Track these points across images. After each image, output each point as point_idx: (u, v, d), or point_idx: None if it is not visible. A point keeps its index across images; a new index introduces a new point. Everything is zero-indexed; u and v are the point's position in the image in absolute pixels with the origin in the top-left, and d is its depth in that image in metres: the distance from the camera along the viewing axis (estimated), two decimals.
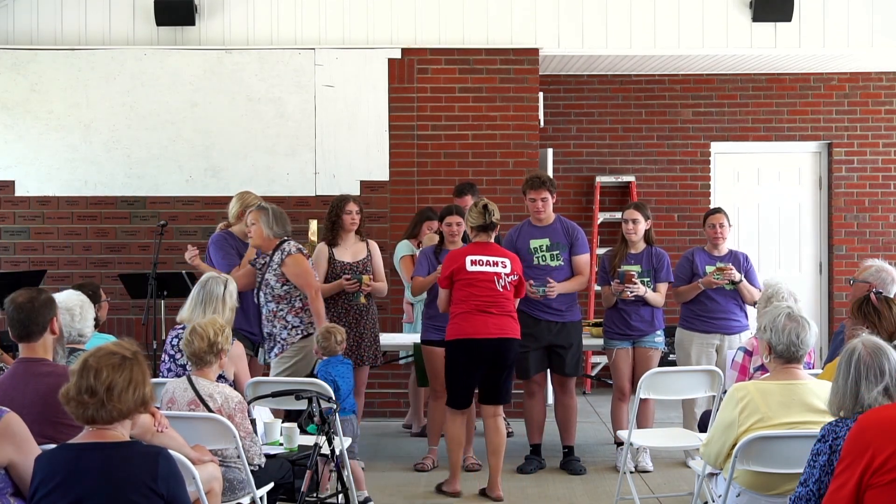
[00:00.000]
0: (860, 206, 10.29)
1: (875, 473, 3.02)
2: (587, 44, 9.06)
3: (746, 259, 7.37)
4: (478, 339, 6.30)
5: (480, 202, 6.47)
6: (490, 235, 6.45)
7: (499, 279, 6.34)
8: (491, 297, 6.32)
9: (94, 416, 3.20)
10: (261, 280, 6.53)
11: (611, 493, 6.38)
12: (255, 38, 8.97)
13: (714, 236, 7.31)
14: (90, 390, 3.19)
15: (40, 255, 8.88)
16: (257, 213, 6.51)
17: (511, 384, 6.61)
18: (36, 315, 4.10)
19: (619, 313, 7.15)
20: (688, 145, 10.36)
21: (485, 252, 6.39)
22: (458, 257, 6.40)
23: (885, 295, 4.78)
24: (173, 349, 5.57)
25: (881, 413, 3.10)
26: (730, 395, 4.21)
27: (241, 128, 8.90)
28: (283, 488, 5.21)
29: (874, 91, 10.29)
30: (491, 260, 6.36)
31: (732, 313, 7.24)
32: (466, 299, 6.33)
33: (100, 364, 3.22)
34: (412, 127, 8.94)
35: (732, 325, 7.24)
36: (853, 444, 3.09)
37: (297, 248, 6.48)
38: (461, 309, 6.35)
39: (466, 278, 6.32)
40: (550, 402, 7.69)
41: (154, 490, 3.16)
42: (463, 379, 6.44)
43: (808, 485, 3.45)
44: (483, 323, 6.30)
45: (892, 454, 2.97)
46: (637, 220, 7.17)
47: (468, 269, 6.33)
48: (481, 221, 6.39)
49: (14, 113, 8.89)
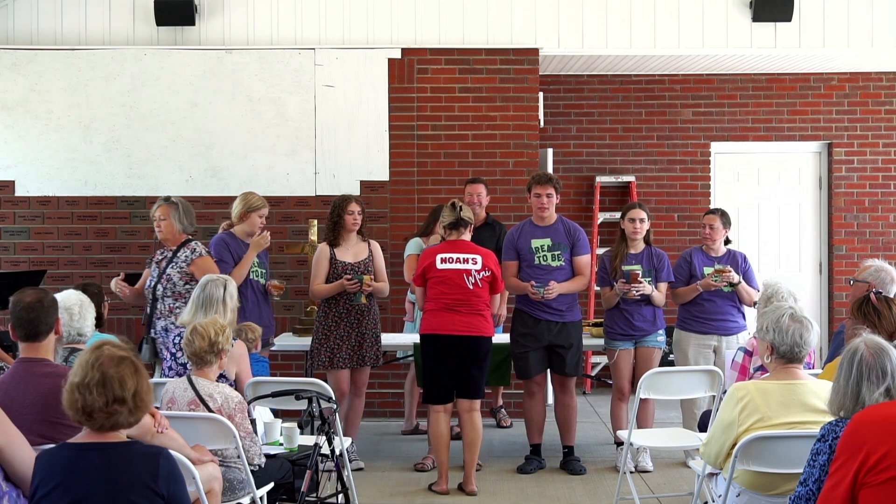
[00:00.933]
0: (860, 206, 10.29)
1: (870, 472, 3.01)
2: (587, 44, 9.07)
3: (745, 259, 7.38)
4: (444, 335, 6.47)
5: (451, 201, 6.63)
6: (461, 233, 6.56)
7: (468, 276, 6.48)
8: (460, 294, 6.47)
9: (123, 422, 3.23)
10: (160, 273, 6.63)
11: (611, 493, 6.38)
12: (255, 38, 8.97)
13: (704, 236, 7.35)
14: (119, 400, 3.19)
15: (40, 255, 8.88)
16: (167, 208, 6.67)
17: (485, 380, 6.71)
18: (45, 315, 4.09)
19: (621, 313, 7.15)
20: (688, 145, 10.36)
21: (455, 250, 6.53)
22: (429, 255, 6.56)
23: (884, 295, 4.78)
24: (174, 348, 5.57)
25: (876, 411, 3.09)
26: (730, 395, 4.21)
27: (241, 128, 8.90)
28: (283, 488, 5.21)
29: (874, 91, 10.29)
30: (461, 257, 6.51)
31: (730, 314, 7.25)
32: (437, 297, 6.50)
33: (121, 373, 3.21)
34: (412, 127, 8.94)
35: (730, 326, 7.25)
36: (848, 442, 3.08)
37: (207, 250, 6.73)
38: (432, 306, 6.53)
39: (437, 276, 6.49)
40: (550, 402, 7.69)
41: (154, 490, 3.16)
42: (434, 373, 6.56)
43: (807, 484, 3.45)
44: (450, 320, 6.46)
45: (888, 452, 2.96)
46: (643, 220, 7.19)
47: (438, 266, 6.49)
48: (451, 219, 6.52)
49: (14, 113, 8.89)
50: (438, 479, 6.56)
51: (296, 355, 8.40)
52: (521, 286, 7.00)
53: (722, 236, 7.34)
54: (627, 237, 7.22)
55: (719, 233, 7.32)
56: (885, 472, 2.98)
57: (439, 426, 6.56)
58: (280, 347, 7.55)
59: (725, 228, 7.35)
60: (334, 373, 6.99)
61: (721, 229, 7.32)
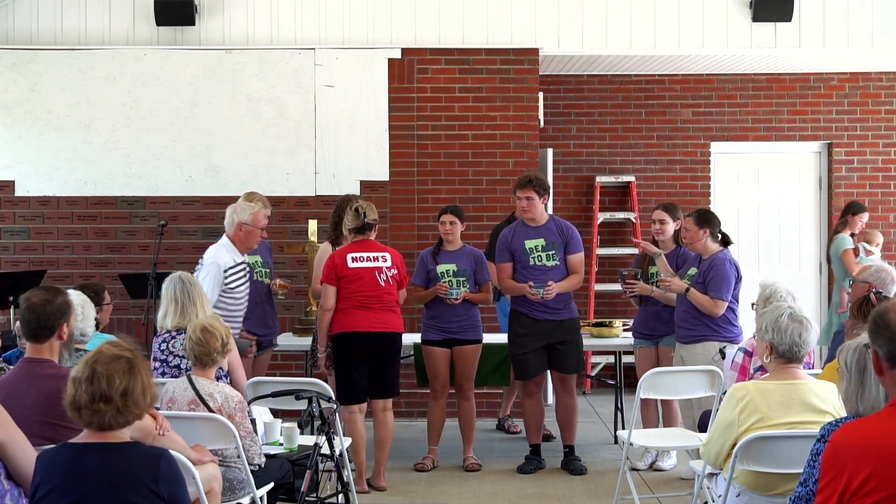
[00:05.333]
0: None
1: (854, 496, 3.00)
2: (587, 44, 9.07)
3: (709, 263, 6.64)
4: (359, 332, 6.49)
5: (353, 205, 6.65)
6: (367, 235, 6.62)
7: (380, 273, 6.56)
8: (373, 292, 6.53)
9: (110, 422, 3.18)
10: None
11: (611, 493, 6.38)
12: (255, 38, 8.97)
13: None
14: (105, 398, 3.15)
15: (40, 255, 8.88)
16: None
17: (398, 378, 6.77)
18: (46, 319, 4.07)
19: (644, 313, 7.15)
20: (688, 145, 10.36)
21: (364, 249, 6.59)
22: (339, 255, 6.58)
23: (885, 295, 4.78)
24: (164, 354, 5.55)
25: (853, 432, 3.06)
26: (729, 395, 4.21)
27: (241, 128, 8.90)
28: (283, 488, 5.21)
29: (874, 91, 10.29)
30: (371, 255, 6.58)
31: (684, 321, 6.72)
32: (349, 296, 6.52)
33: (110, 370, 3.18)
34: (412, 127, 8.94)
35: (682, 333, 6.74)
36: (830, 462, 3.05)
37: None
38: (345, 305, 6.54)
39: (349, 275, 6.52)
40: (550, 402, 7.69)
41: (154, 492, 3.15)
42: (350, 373, 6.54)
43: (807, 485, 3.45)
44: (364, 317, 6.51)
45: (870, 475, 2.94)
46: (664, 221, 7.00)
47: (350, 266, 6.53)
48: (357, 224, 6.59)
49: (14, 113, 8.89)
50: (357, 478, 6.46)
51: (296, 355, 8.40)
52: (519, 287, 7.00)
53: (700, 239, 6.68)
54: (655, 238, 7.16)
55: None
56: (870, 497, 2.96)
57: (357, 427, 6.54)
58: (280, 347, 7.55)
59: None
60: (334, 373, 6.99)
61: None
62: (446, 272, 7.14)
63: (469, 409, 7.24)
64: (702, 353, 6.56)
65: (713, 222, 6.75)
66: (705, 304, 6.58)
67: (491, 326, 8.11)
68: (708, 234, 6.69)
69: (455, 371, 7.21)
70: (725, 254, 6.72)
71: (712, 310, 6.57)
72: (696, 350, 6.61)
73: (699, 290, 6.63)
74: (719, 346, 6.53)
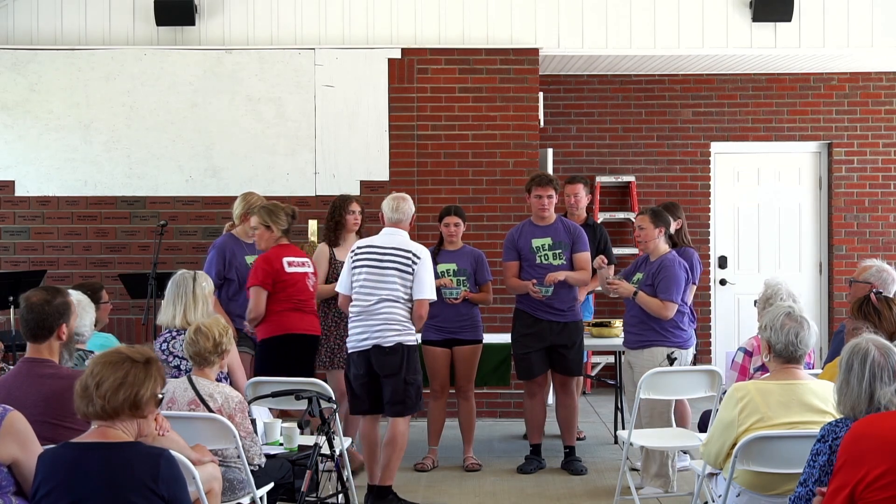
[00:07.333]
0: (860, 206, 10.29)
1: (868, 487, 3.02)
2: (587, 44, 9.07)
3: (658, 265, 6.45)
4: (293, 334, 6.48)
5: (288, 208, 6.68)
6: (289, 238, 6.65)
7: (307, 279, 6.60)
8: (305, 296, 6.56)
9: (85, 411, 3.28)
10: None
11: (611, 493, 6.38)
12: (255, 38, 8.97)
13: (636, 237, 6.66)
14: (84, 386, 3.28)
15: (40, 255, 8.88)
16: None
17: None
18: (44, 319, 4.08)
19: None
20: (688, 145, 10.36)
21: (294, 254, 6.61)
22: (274, 260, 6.49)
23: (885, 295, 4.79)
24: (164, 354, 5.55)
25: (877, 423, 3.08)
26: (729, 395, 4.22)
27: (241, 128, 8.90)
28: (283, 488, 5.21)
29: (874, 91, 10.29)
30: (301, 261, 6.60)
31: (632, 326, 6.57)
32: (287, 299, 6.49)
33: (96, 361, 3.31)
34: (412, 127, 8.94)
35: (630, 339, 6.60)
36: (849, 449, 3.08)
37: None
38: (280, 307, 6.48)
39: (285, 280, 6.49)
40: (551, 402, 7.69)
41: (155, 492, 3.16)
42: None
43: (807, 485, 3.46)
44: (299, 318, 6.52)
45: (886, 471, 2.95)
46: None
47: (287, 270, 6.51)
48: (288, 225, 6.61)
49: (14, 113, 8.89)
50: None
51: None
52: (522, 286, 7.01)
53: (654, 238, 6.48)
54: None
55: (651, 233, 6.49)
56: (883, 491, 2.98)
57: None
58: None
59: (658, 229, 6.50)
60: (334, 373, 6.99)
61: (653, 230, 6.49)
62: (446, 272, 7.15)
63: (469, 409, 7.24)
64: (649, 359, 6.37)
65: (668, 222, 6.62)
66: (654, 306, 6.39)
67: (491, 326, 8.10)
68: (663, 233, 6.54)
69: (455, 371, 7.21)
70: (675, 255, 6.55)
71: (662, 312, 6.37)
72: (644, 356, 6.42)
73: (647, 292, 6.44)
74: (667, 351, 6.39)
